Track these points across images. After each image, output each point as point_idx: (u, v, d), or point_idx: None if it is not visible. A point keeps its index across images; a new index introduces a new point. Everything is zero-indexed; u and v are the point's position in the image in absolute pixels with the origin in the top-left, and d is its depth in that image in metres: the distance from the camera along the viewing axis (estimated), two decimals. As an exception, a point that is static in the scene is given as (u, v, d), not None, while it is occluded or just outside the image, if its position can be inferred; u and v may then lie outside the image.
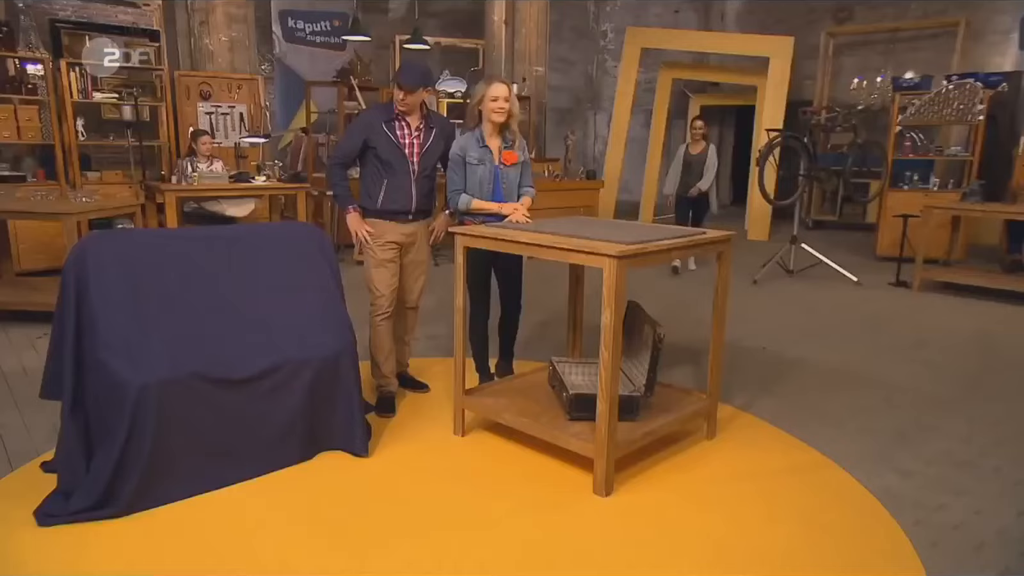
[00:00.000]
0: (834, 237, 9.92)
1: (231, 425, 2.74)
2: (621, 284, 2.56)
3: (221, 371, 2.71)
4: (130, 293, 2.67)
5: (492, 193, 3.52)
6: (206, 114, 7.44)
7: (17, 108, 6.27)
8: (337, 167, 3.46)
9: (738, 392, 3.91)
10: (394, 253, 3.48)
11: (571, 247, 2.66)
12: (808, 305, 6.04)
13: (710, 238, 3.00)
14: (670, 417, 3.07)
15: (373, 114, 3.47)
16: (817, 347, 4.81)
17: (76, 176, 6.62)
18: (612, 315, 2.56)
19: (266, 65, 10.31)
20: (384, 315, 3.49)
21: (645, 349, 3.07)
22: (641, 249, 2.63)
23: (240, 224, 5.70)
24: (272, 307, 3.00)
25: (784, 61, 9.87)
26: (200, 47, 7.84)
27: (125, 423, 2.45)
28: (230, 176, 5.94)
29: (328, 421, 3.02)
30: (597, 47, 13.42)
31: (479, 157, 3.47)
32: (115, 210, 5.09)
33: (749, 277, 6.96)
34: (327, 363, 2.99)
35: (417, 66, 3.41)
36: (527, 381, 3.53)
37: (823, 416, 3.62)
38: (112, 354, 2.51)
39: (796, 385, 4.07)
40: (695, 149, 7.00)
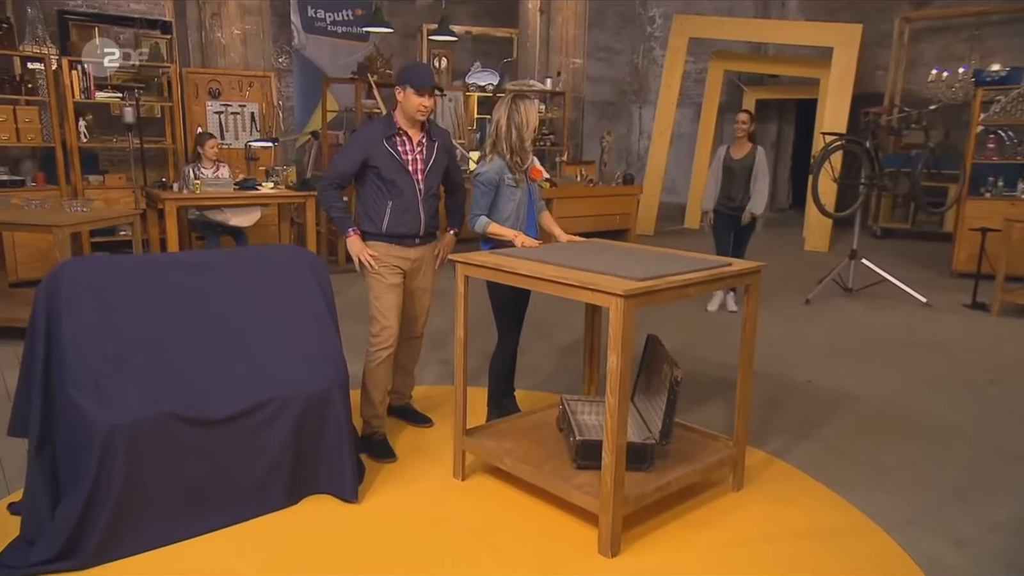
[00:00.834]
0: (905, 248, 9.65)
1: (209, 468, 2.77)
2: (629, 325, 2.51)
3: (199, 410, 2.74)
4: (104, 324, 2.73)
5: (528, 215, 3.59)
6: (215, 114, 7.59)
7: (16, 109, 6.48)
8: (332, 189, 3.41)
9: (774, 434, 3.81)
10: (400, 277, 3.48)
11: (575, 282, 2.62)
12: (866, 330, 5.88)
13: (736, 270, 2.94)
14: (689, 468, 3.00)
15: (371, 130, 3.41)
16: (871, 380, 4.67)
17: (78, 180, 6.82)
18: (619, 358, 2.52)
19: (284, 58, 10.49)
20: (389, 348, 3.44)
21: (663, 391, 3.01)
22: (652, 287, 2.58)
23: (226, 249, 5.82)
24: (258, 338, 3.03)
25: (850, 51, 9.65)
26: (211, 41, 8.00)
27: (92, 466, 2.49)
28: (235, 183, 6.04)
29: (315, 463, 3.03)
30: (644, 34, 13.32)
31: (516, 177, 3.51)
32: (111, 220, 5.22)
33: (801, 295, 6.81)
34: (316, 399, 3.00)
35: (426, 66, 3.51)
36: (537, 420, 3.50)
37: (869, 465, 3.51)
38: (81, 391, 2.56)
39: (841, 427, 3.96)
40: (739, 152, 6.00)
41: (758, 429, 3.83)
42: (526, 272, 2.81)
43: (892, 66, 10.96)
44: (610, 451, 2.60)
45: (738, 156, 5.99)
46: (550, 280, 2.71)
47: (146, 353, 2.75)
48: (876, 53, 10.91)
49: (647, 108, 12.97)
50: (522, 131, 3.41)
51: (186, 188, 5.75)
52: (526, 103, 3.45)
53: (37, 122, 6.64)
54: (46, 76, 6.67)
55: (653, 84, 12.69)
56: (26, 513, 2.61)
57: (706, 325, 5.89)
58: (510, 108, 3.43)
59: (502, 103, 3.50)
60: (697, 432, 3.36)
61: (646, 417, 3.22)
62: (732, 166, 5.98)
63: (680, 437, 3.25)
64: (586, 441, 2.94)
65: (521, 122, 3.41)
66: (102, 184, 7.05)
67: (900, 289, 6.85)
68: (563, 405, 3.31)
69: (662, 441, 2.93)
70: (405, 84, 3.30)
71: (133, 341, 2.75)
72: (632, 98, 13.36)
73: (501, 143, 3.45)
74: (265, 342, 3.03)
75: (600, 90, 12.87)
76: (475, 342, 3.79)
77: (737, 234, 6.05)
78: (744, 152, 5.98)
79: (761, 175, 5.92)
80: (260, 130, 7.74)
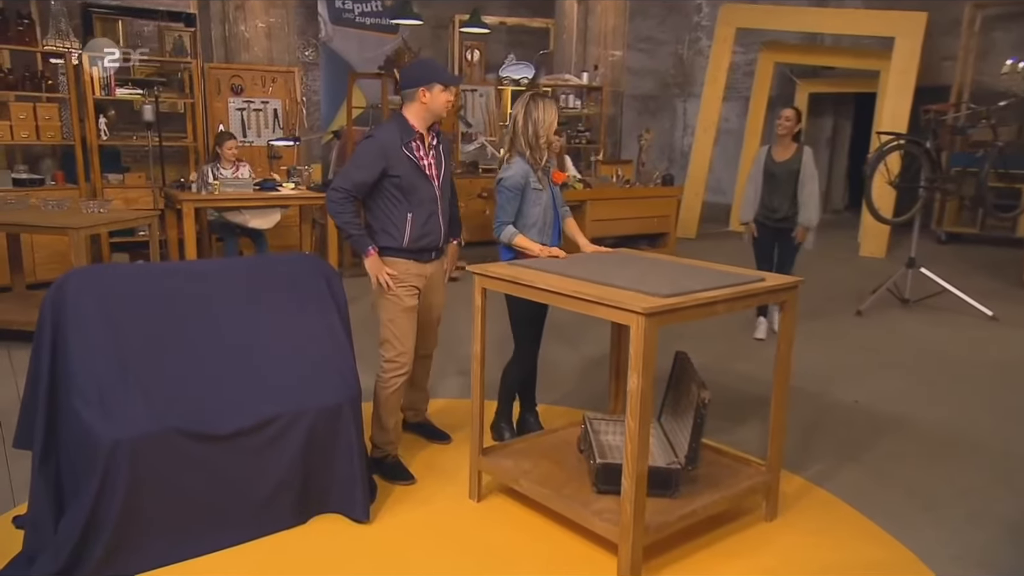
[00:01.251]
0: (972, 255, 9.43)
1: (215, 485, 2.83)
2: (651, 344, 2.51)
3: (205, 425, 2.80)
4: (110, 335, 2.81)
5: (554, 220, 3.62)
6: (237, 110, 7.75)
7: (37, 106, 6.69)
8: (347, 202, 3.28)
9: (814, 458, 3.77)
10: (417, 298, 3.46)
11: (594, 298, 2.63)
12: (923, 345, 5.77)
13: (770, 286, 2.91)
14: (717, 495, 2.99)
15: (387, 135, 3.32)
16: (925, 402, 4.58)
17: (97, 179, 7.01)
18: (640, 379, 2.52)
19: (310, 51, 10.64)
20: (404, 375, 3.44)
21: (690, 413, 3.00)
22: (676, 304, 2.57)
23: (237, 258, 5.95)
24: (267, 351, 3.09)
25: (913, 41, 9.46)
26: (235, 34, 8.17)
27: (95, 481, 2.57)
28: (255, 183, 6.16)
29: (325, 481, 3.08)
30: (690, 24, 13.23)
31: (543, 181, 3.55)
32: (127, 222, 5.36)
33: (853, 306, 6.70)
34: (326, 415, 3.05)
35: (437, 62, 3.53)
36: (558, 439, 3.51)
37: (919, 495, 3.44)
38: (85, 404, 2.64)
39: (889, 452, 3.89)
40: (782, 153, 5.49)
41: (796, 453, 3.78)
42: (545, 286, 2.82)
43: (961, 56, 10.70)
44: (630, 477, 2.60)
45: (781, 158, 5.49)
46: (569, 295, 2.72)
47: (152, 366, 2.82)
48: (943, 43, 10.67)
49: (692, 102, 12.87)
50: (539, 127, 3.46)
51: (204, 189, 5.88)
52: (544, 101, 3.50)
53: (57, 119, 6.85)
54: (66, 72, 6.87)
55: (699, 77, 12.59)
56: (29, 527, 2.71)
57: (743, 337, 5.83)
58: (527, 104, 3.49)
59: (519, 101, 3.57)
60: (728, 455, 3.34)
61: (673, 439, 3.21)
62: (774, 170, 5.49)
63: (709, 460, 3.23)
64: (607, 464, 2.94)
65: (539, 118, 3.45)
66: (122, 183, 7.24)
67: (963, 301, 6.70)
68: (585, 424, 3.32)
69: (688, 466, 2.92)
70: (432, 82, 3.27)
71: (139, 353, 2.83)
72: (676, 92, 13.27)
73: (519, 139, 3.50)
74: (274, 355, 3.09)
75: (642, 83, 12.81)
76: (498, 357, 3.83)
77: (782, 249, 5.56)
78: (788, 154, 5.48)
79: (809, 179, 5.42)
80: (283, 127, 7.87)
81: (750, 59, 12.02)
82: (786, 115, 5.52)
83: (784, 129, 5.46)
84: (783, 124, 5.47)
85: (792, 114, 5.53)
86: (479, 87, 9.69)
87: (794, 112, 5.56)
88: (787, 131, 5.46)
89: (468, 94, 9.51)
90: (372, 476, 3.34)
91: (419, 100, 3.30)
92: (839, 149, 12.84)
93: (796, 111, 5.60)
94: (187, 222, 5.72)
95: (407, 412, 3.82)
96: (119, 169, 7.47)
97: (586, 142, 9.84)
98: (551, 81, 9.93)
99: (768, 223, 5.56)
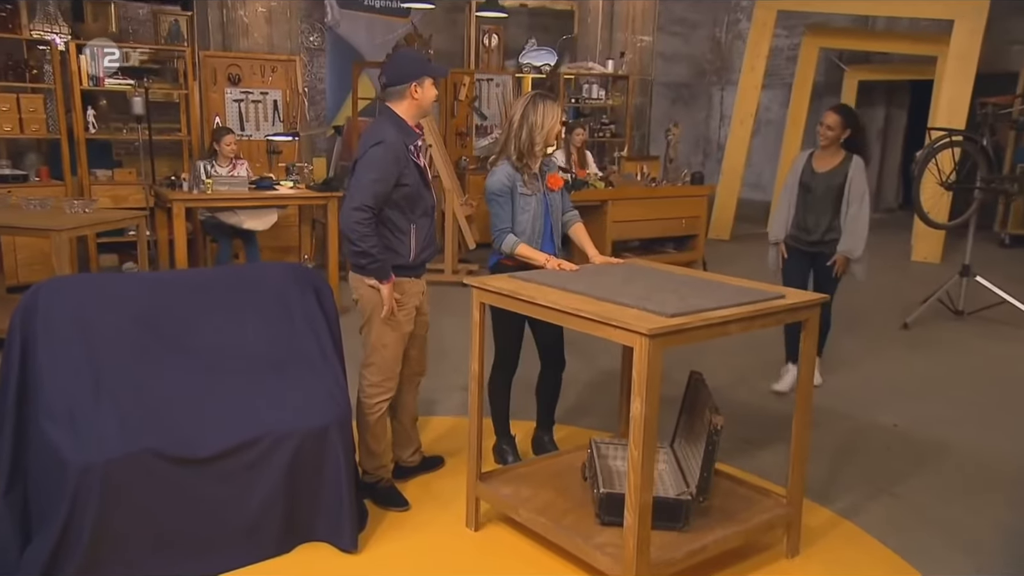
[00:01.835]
0: (1038, 261, 9.32)
1: (193, 511, 2.89)
2: (655, 367, 2.53)
3: (182, 447, 2.86)
4: (84, 350, 2.88)
5: (544, 229, 3.63)
6: (234, 102, 7.84)
7: (20, 97, 6.83)
8: (371, 223, 3.17)
9: (844, 489, 3.76)
10: (413, 322, 3.47)
11: (595, 316, 2.65)
12: (976, 363, 5.72)
13: (790, 304, 2.92)
14: (732, 529, 2.99)
15: (393, 137, 3.22)
16: (975, 428, 4.54)
17: (84, 175, 7.14)
18: (643, 405, 2.54)
19: (315, 36, 10.74)
20: (390, 398, 3.48)
21: (704, 439, 3.01)
22: (683, 324, 2.59)
23: (223, 267, 6.00)
24: (251, 368, 3.15)
25: (974, 24, 9.35)
26: (233, 20, 8.29)
27: (64, 507, 2.63)
28: (250, 182, 6.24)
29: (310, 507, 3.13)
30: (728, 4, 13.18)
31: (533, 187, 3.57)
32: (114, 223, 5.46)
33: (899, 317, 6.65)
34: (313, 436, 3.10)
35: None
36: (564, 463, 3.54)
37: (959, 533, 3.42)
38: (54, 424, 2.71)
39: (930, 484, 3.86)
40: (824, 163, 4.78)
41: (824, 482, 3.78)
42: (545, 302, 2.84)
43: (1029, 40, 10.57)
44: (633, 510, 2.62)
45: (823, 169, 4.76)
46: (569, 312, 2.75)
47: (127, 383, 2.89)
48: (1009, 25, 10.53)
49: (730, 90, 12.82)
50: (534, 132, 3.48)
51: (196, 187, 5.97)
52: (547, 104, 3.51)
53: (42, 111, 6.98)
54: (52, 60, 7.00)
55: (737, 63, 12.52)
56: (-6, 554, 2.78)
57: (769, 352, 5.80)
58: (527, 106, 3.51)
59: (520, 101, 3.59)
60: (746, 485, 3.34)
61: (685, 467, 3.23)
62: (812, 184, 4.77)
63: (725, 490, 3.24)
64: (611, 494, 2.96)
65: (536, 122, 3.47)
66: (111, 179, 7.36)
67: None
68: (591, 448, 3.34)
69: (699, 497, 2.93)
70: (422, 76, 3.28)
71: (113, 369, 2.89)
72: (713, 79, 13.24)
73: (511, 142, 3.53)
74: (259, 372, 3.15)
75: (674, 70, 12.79)
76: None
77: (818, 278, 4.81)
78: (832, 164, 4.74)
79: (856, 198, 4.65)
80: (283, 121, 7.96)
81: (794, 43, 11.96)
82: (828, 122, 4.70)
83: (827, 138, 4.73)
84: (824, 133, 4.73)
85: (836, 121, 4.68)
86: (496, 76, 9.71)
87: (839, 118, 4.69)
88: (830, 140, 4.72)
89: (484, 83, 9.55)
90: (363, 502, 3.39)
91: (410, 96, 3.28)
92: (892, 142, 12.72)
93: (843, 115, 4.73)
94: (177, 223, 5.81)
95: (399, 462, 3.78)
96: (108, 164, 7.60)
97: (610, 136, 9.84)
98: (572, 70, 9.94)
99: (800, 246, 4.84)
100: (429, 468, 3.84)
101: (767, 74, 10.84)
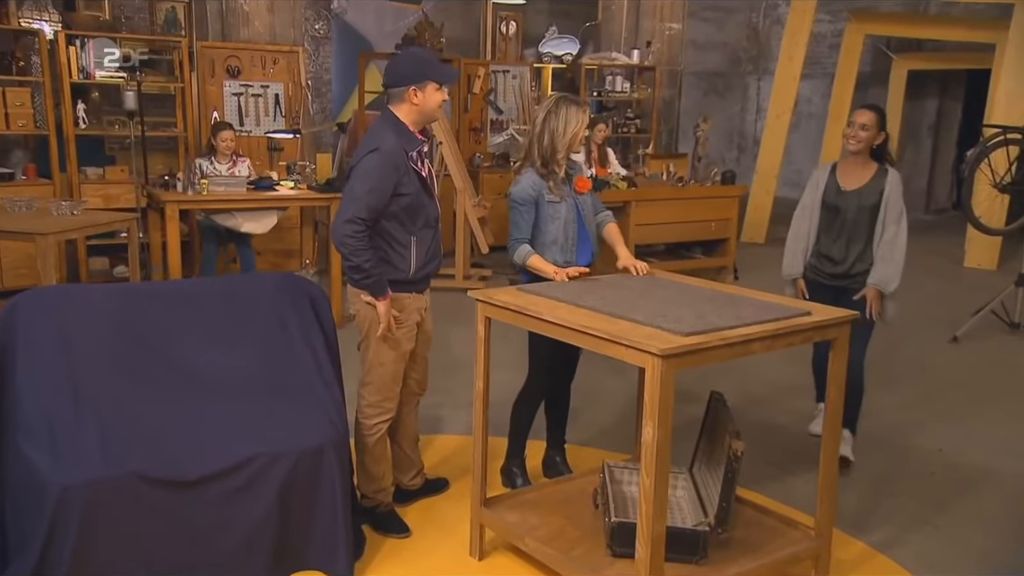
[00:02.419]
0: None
1: (179, 536, 2.93)
2: (668, 390, 2.55)
3: (170, 468, 2.91)
4: (65, 366, 2.94)
5: (579, 234, 3.68)
6: (233, 95, 7.94)
7: (6, 90, 6.94)
8: (366, 236, 3.18)
9: (881, 519, 3.76)
10: (414, 340, 3.50)
11: (605, 335, 2.68)
12: (1029, 382, 5.69)
13: (817, 322, 2.93)
14: (754, 562, 3.01)
15: (390, 145, 3.23)
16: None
17: (74, 173, 7.25)
18: (655, 430, 2.57)
19: (321, 24, 10.84)
20: (389, 419, 3.52)
21: (723, 465, 3.03)
22: (699, 343, 2.61)
23: (214, 278, 6.02)
24: (242, 384, 3.20)
25: (1036, 9, 9.29)
26: (233, 8, 8.36)
27: (42, 531, 2.69)
28: (249, 182, 6.32)
29: (304, 533, 3.18)
30: (766, -12, 13.17)
31: (561, 193, 3.62)
32: (103, 226, 5.55)
33: (948, 330, 6.61)
34: (306, 458, 3.13)
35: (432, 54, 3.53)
36: (576, 488, 3.57)
37: (1007, 572, 3.41)
38: (33, 444, 2.78)
39: (975, 516, 3.86)
40: (853, 177, 4.21)
41: (859, 512, 3.78)
42: (553, 319, 2.88)
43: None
44: (645, 541, 2.64)
45: (852, 186, 4.20)
46: (578, 330, 2.78)
47: (110, 401, 2.95)
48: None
49: (767, 80, 12.80)
50: (556, 138, 3.53)
51: (191, 188, 6.04)
52: (571, 108, 3.55)
53: (29, 105, 7.08)
54: (40, 51, 7.11)
55: (775, 51, 12.50)
56: (-31, 581, 2.85)
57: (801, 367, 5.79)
58: (549, 110, 3.57)
59: (544, 104, 3.65)
60: (771, 515, 3.36)
61: (704, 494, 3.25)
62: (839, 203, 4.22)
63: (748, 520, 3.26)
64: (623, 523, 2.98)
65: (557, 127, 3.52)
66: (102, 178, 7.46)
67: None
68: (603, 473, 3.37)
69: (718, 528, 2.95)
70: (424, 79, 3.27)
71: (96, 387, 2.95)
72: (749, 68, 13.22)
73: (533, 148, 3.60)
74: (250, 390, 3.20)
75: (707, 59, 12.79)
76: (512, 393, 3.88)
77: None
78: (864, 179, 4.18)
79: (893, 220, 4.13)
80: (285, 115, 8.04)
81: (838, 29, 11.93)
82: (862, 121, 4.12)
83: (858, 142, 4.12)
84: (856, 134, 4.12)
85: (872, 120, 4.12)
86: (512, 67, 9.75)
87: (875, 116, 4.15)
88: (862, 144, 4.12)
89: (500, 75, 9.60)
90: (360, 528, 3.43)
91: (409, 101, 3.27)
92: (944, 137, 12.65)
93: (878, 113, 4.20)
94: (170, 225, 5.88)
95: (400, 485, 3.82)
96: (100, 161, 7.69)
97: (635, 131, 9.84)
98: (595, 60, 9.96)
99: (820, 279, 4.29)
100: (432, 491, 3.88)
101: (808, 63, 10.81)
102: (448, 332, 5.87)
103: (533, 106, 9.39)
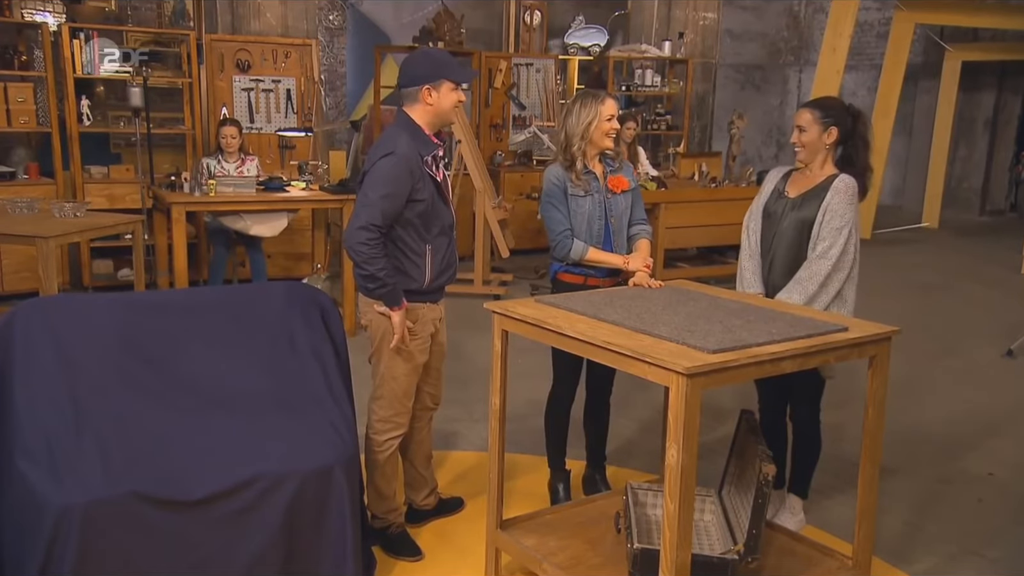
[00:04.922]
0: None
1: (181, 559, 2.97)
2: (693, 410, 2.56)
3: (173, 488, 2.94)
4: (64, 381, 3.00)
5: (603, 234, 3.74)
6: (243, 91, 8.02)
7: (7, 86, 7.06)
8: (381, 244, 3.22)
9: (926, 548, 3.75)
10: (428, 352, 3.54)
11: (628, 351, 2.69)
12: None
13: (853, 338, 2.93)
14: (785, 593, 3.02)
15: (406, 148, 3.26)
16: (1082, 476, 4.49)
17: (77, 172, 7.36)
18: (680, 452, 2.57)
19: (336, 14, 10.93)
20: (401, 435, 3.56)
21: (753, 489, 3.04)
22: (727, 361, 2.61)
23: (220, 287, 6.23)
24: (248, 400, 3.24)
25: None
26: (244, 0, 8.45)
27: (40, 553, 2.74)
28: (259, 183, 6.38)
29: (311, 555, 3.20)
30: (808, -26, 13.12)
31: (585, 186, 3.69)
32: (107, 228, 5.63)
33: (1002, 342, 6.55)
34: (315, 477, 3.16)
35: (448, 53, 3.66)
36: (598, 510, 3.58)
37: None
38: (31, 462, 2.83)
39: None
40: (798, 184, 3.67)
41: (903, 540, 3.77)
42: (573, 333, 2.89)
43: None
44: (668, 570, 2.65)
45: (797, 192, 3.65)
46: (599, 346, 2.79)
47: (111, 418, 2.99)
48: None
49: (808, 72, 12.75)
50: (570, 131, 3.67)
51: (198, 189, 6.12)
52: (585, 99, 3.68)
53: (31, 101, 7.20)
54: (43, 44, 7.22)
55: (818, 41, 12.46)
56: (-35, 603, 2.92)
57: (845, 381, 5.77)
58: (568, 105, 3.76)
59: (573, 98, 3.79)
60: (805, 542, 3.36)
61: (733, 519, 3.25)
62: (776, 210, 3.68)
63: (780, 548, 3.26)
64: (647, 550, 2.99)
65: (574, 122, 3.66)
66: (106, 176, 7.57)
67: None
68: (627, 495, 3.38)
69: (747, 557, 2.95)
70: (439, 79, 3.30)
71: (97, 403, 3.00)
72: (789, 60, 13.16)
73: (558, 142, 3.80)
74: (256, 406, 3.23)
75: (745, 50, 12.74)
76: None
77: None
78: (808, 185, 3.62)
79: (828, 234, 3.50)
80: (297, 112, 8.11)
81: (885, 17, 11.85)
82: (796, 123, 3.64)
83: (800, 147, 3.62)
84: (796, 139, 3.63)
85: (806, 118, 3.59)
86: (536, 60, 9.77)
87: (809, 113, 3.60)
88: (805, 150, 3.60)
89: (522, 68, 9.63)
90: (370, 550, 3.47)
91: (423, 101, 3.32)
92: (1002, 133, 12.54)
93: (816, 109, 3.61)
94: (176, 228, 5.95)
95: (414, 502, 3.87)
96: (105, 159, 7.80)
97: (666, 128, 9.82)
98: (623, 53, 9.96)
99: None
100: (446, 511, 3.91)
101: (853, 54, 10.75)
102: (466, 340, 5.91)
103: (558, 101, 9.42)
